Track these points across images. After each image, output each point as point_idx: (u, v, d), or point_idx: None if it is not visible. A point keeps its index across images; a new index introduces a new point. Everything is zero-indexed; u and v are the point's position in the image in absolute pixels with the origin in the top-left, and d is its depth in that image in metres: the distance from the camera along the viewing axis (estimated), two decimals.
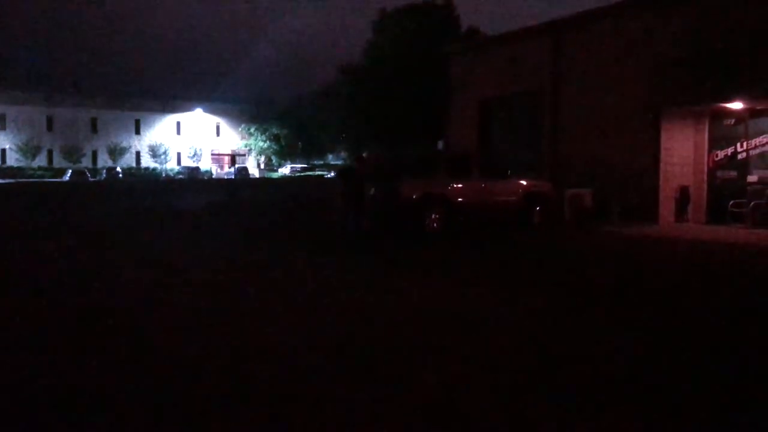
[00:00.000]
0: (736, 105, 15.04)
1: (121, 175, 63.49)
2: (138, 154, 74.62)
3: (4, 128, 68.43)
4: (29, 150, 67.52)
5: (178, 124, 77.61)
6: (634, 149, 16.59)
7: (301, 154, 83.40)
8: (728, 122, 16.04)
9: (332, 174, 72.27)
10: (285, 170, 76.78)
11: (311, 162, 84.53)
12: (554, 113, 18.84)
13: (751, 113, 15.41)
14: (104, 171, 64.27)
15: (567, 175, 18.08)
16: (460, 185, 14.56)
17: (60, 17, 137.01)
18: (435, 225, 14.18)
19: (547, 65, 18.93)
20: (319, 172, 75.96)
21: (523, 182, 15.65)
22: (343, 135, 60.88)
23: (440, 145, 48.36)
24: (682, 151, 16.50)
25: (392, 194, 14.10)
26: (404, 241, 13.39)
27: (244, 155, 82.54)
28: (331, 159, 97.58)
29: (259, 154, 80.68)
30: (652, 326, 6.36)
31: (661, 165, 16.15)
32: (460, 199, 14.46)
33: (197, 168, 70.75)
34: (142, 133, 75.10)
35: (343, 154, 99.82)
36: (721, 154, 16.22)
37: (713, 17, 14.96)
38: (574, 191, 16.98)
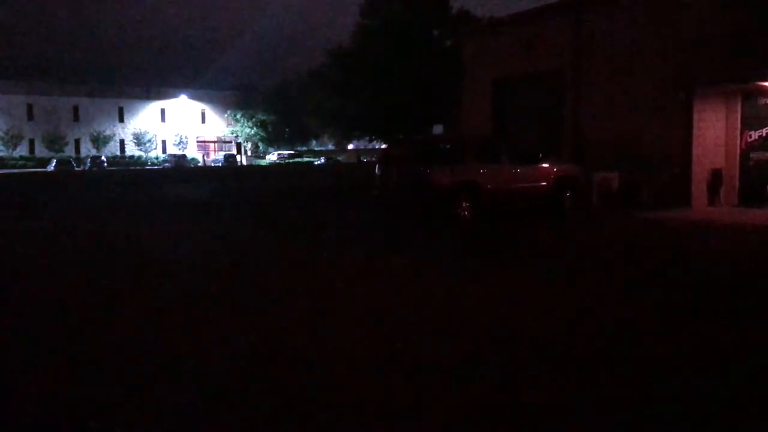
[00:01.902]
0: None
1: (105, 164, 62.05)
2: (122, 142, 73.07)
3: None
4: (10, 140, 65.78)
5: (163, 111, 76.07)
6: (664, 131, 15.97)
7: (287, 140, 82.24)
8: (763, 101, 15.48)
9: (322, 160, 71.32)
10: (272, 157, 75.50)
11: (296, 148, 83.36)
12: (576, 94, 18.17)
13: None
14: (88, 160, 62.70)
15: (589, 157, 17.43)
16: (491, 171, 13.87)
17: (40, 3, 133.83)
18: (466, 213, 13.53)
19: (568, 43, 18.22)
20: (308, 159, 74.86)
21: (554, 166, 15.02)
22: (334, 120, 59.95)
23: (437, 129, 47.54)
24: (714, 132, 15.92)
25: (421, 181, 13.41)
26: (443, 231, 12.66)
27: (230, 142, 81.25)
28: (314, 145, 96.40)
29: (246, 140, 79.42)
30: None
31: (693, 147, 15.56)
32: (491, 186, 13.77)
33: (184, 156, 69.40)
34: (125, 120, 73.50)
35: (329, 140, 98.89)
36: (754, 134, 15.66)
37: None
38: (602, 175, 16.39)
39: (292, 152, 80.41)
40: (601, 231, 12.76)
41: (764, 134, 15.46)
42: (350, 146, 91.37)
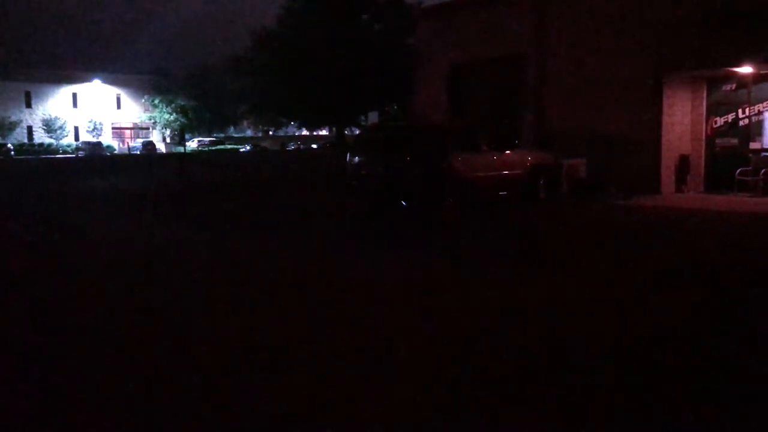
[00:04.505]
0: (745, 69, 14.47)
1: (13, 153, 57.99)
2: (30, 129, 68.36)
3: None
4: None
5: (75, 95, 71.67)
6: (632, 117, 15.80)
7: (206, 127, 79.45)
8: (728, 87, 15.54)
9: (247, 148, 68.98)
10: (192, 144, 72.30)
11: (214, 135, 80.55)
12: (539, 79, 17.82)
13: (754, 78, 14.93)
14: None
15: (555, 144, 17.09)
16: (469, 159, 13.28)
17: None
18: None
19: (530, 27, 17.82)
20: (231, 146, 72.25)
21: (529, 155, 14.61)
22: (260, 107, 57.97)
23: (372, 117, 46.61)
24: (681, 119, 15.91)
25: (400, 171, 12.66)
26: (427, 222, 12.03)
27: (148, 129, 77.68)
28: (232, 132, 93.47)
29: (165, 127, 76.05)
30: None
31: (663, 133, 15.48)
32: (469, 174, 13.17)
33: (99, 143, 65.69)
34: (33, 106, 68.74)
35: (248, 127, 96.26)
36: (720, 120, 15.72)
37: None
38: (571, 162, 16.10)
39: (214, 139, 77.62)
40: (581, 219, 12.55)
41: (730, 120, 15.54)
42: (270, 132, 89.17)
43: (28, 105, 68.65)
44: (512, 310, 5.82)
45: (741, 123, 15.34)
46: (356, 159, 13.63)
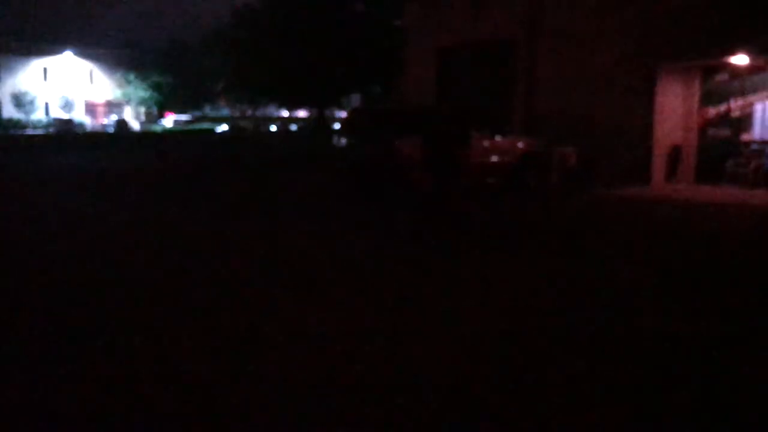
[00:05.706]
0: (740, 60, 14.24)
1: None
2: None
3: None
4: None
5: (45, 69, 69.66)
6: (624, 106, 15.55)
7: (183, 105, 77.88)
8: (721, 78, 15.34)
9: (225, 127, 67.64)
10: (168, 123, 70.77)
11: (189, 113, 78.90)
12: (529, 65, 17.46)
13: (748, 69, 14.74)
14: None
15: (543, 132, 16.80)
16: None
17: None
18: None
19: (521, 11, 17.42)
20: (208, 125, 70.85)
21: (520, 142, 14.34)
22: (239, 85, 56.67)
23: (354, 100, 45.89)
24: (672, 108, 15.70)
25: (390, 154, 12.29)
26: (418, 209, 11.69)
27: (121, 105, 75.87)
28: (208, 110, 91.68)
29: (139, 104, 74.39)
30: None
31: (655, 123, 15.27)
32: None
33: (70, 120, 64.06)
34: (2, 79, 66.72)
35: (223, 105, 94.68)
36: (712, 111, 15.54)
37: None
38: (562, 151, 15.84)
39: (190, 118, 76.02)
40: (561, 210, 12.45)
41: (722, 111, 15.36)
42: (249, 112, 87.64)
43: None
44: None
45: (733, 114, 15.17)
46: (348, 142, 13.21)
